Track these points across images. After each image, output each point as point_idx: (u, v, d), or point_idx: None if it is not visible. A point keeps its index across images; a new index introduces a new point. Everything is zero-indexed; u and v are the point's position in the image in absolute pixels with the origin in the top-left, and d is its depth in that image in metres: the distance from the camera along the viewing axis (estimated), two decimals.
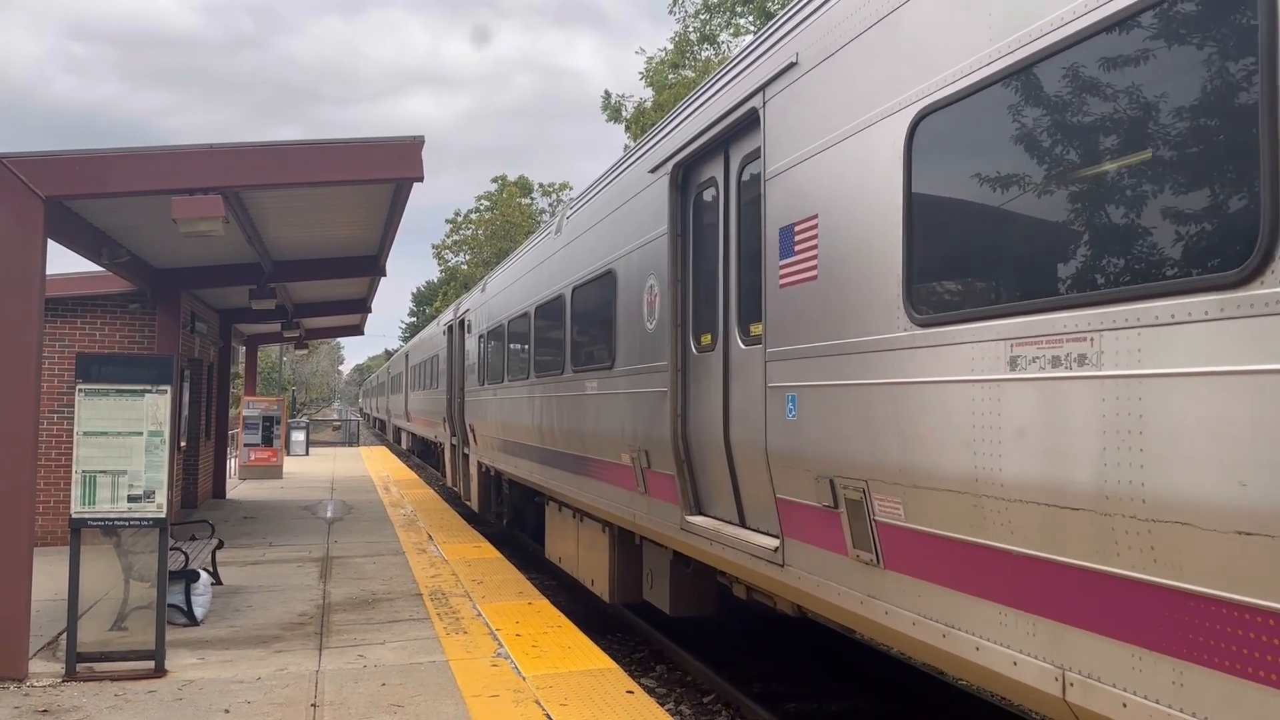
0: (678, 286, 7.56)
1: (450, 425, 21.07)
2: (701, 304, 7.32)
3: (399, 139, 8.88)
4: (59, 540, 12.47)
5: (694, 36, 34.54)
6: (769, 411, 5.90)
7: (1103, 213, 3.65)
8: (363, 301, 20.86)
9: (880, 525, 4.87)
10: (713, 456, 7.00)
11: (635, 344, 8.37)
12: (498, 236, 62.68)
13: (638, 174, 8.54)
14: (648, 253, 8.10)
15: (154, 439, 7.68)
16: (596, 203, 9.95)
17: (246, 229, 10.98)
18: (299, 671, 7.58)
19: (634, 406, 8.34)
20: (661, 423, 7.67)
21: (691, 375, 7.41)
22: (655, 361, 7.87)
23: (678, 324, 7.52)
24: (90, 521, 7.61)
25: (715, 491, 7.12)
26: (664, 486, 7.83)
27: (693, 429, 7.36)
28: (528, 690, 7.07)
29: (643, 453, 8.12)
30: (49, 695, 7.02)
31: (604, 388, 9.25)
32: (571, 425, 10.48)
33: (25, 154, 7.83)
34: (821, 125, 5.42)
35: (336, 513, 18.39)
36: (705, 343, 7.23)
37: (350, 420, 68.12)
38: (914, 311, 4.54)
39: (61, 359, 13.91)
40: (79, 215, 9.93)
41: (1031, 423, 3.86)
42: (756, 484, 6.31)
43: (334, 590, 10.84)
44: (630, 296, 8.50)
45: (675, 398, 7.47)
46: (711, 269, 7.11)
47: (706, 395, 7.09)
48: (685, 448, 7.46)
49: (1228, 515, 3.08)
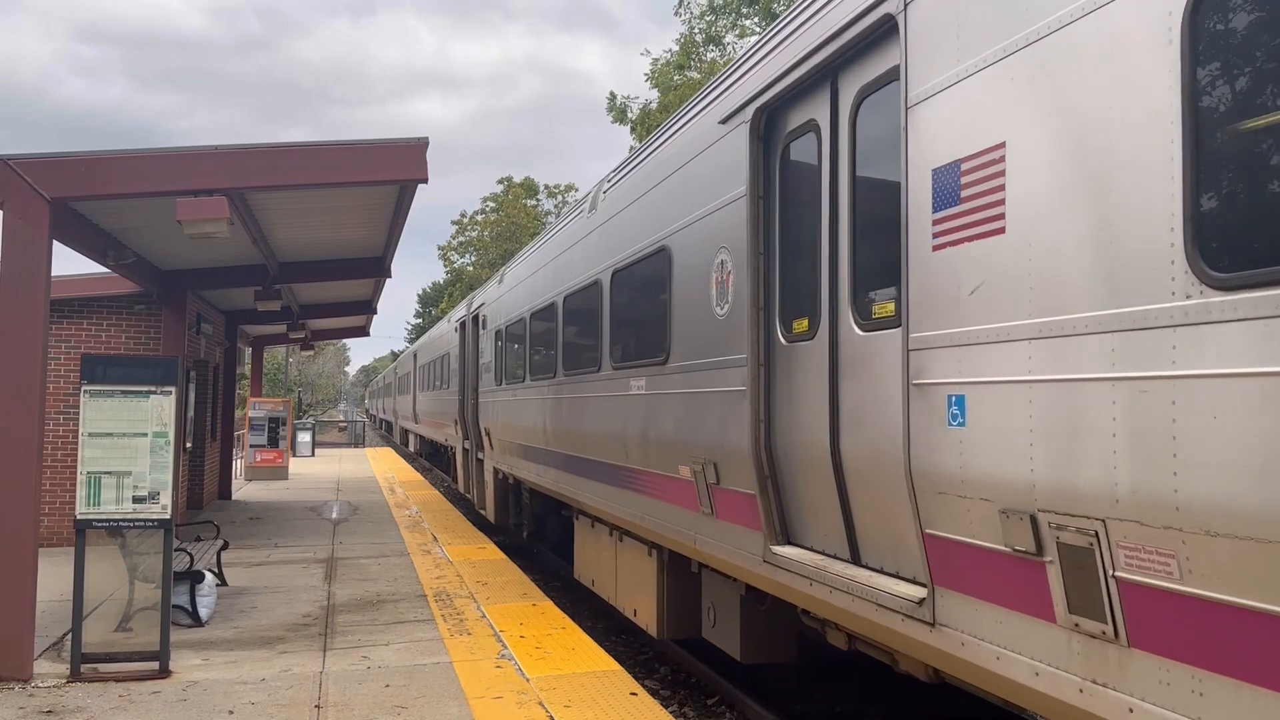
0: (759, 261, 6.20)
1: (462, 428, 19.95)
2: (793, 281, 5.98)
3: (403, 140, 8.88)
4: (64, 541, 12.49)
5: (699, 38, 34.56)
6: (912, 418, 4.50)
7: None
8: (368, 303, 20.88)
9: (1127, 585, 3.50)
10: (811, 474, 5.64)
11: (698, 334, 7.04)
12: (503, 238, 62.73)
13: (702, 129, 7.16)
14: (716, 223, 6.75)
15: (159, 440, 7.69)
16: (644, 171, 8.51)
17: (251, 230, 11.00)
18: (303, 673, 7.58)
19: (696, 409, 7.06)
20: (736, 430, 6.36)
21: (779, 371, 6.03)
22: (727, 355, 6.55)
23: (759, 307, 6.17)
24: (95, 522, 7.63)
25: (813, 517, 5.78)
26: (738, 507, 6.48)
27: (781, 438, 6.01)
28: (531, 692, 7.07)
29: (708, 466, 6.80)
30: (53, 696, 7.03)
31: (654, 387, 7.88)
32: (610, 431, 9.07)
33: (31, 155, 7.85)
34: (1014, 15, 4.02)
35: (341, 514, 18.40)
36: (799, 330, 5.84)
37: (356, 421, 68.24)
38: (1205, 269, 3.15)
39: (67, 360, 13.95)
40: (85, 217, 9.95)
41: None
42: (883, 512, 5.01)
43: (338, 591, 10.85)
44: (691, 277, 7.17)
45: (757, 399, 6.11)
46: (808, 236, 5.75)
47: (802, 396, 5.74)
48: (770, 461, 6.10)
49: None
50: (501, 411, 15.05)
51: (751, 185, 6.27)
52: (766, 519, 6.09)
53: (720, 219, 6.69)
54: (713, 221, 6.82)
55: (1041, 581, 3.89)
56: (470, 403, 18.44)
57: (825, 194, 5.56)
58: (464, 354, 19.76)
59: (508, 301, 15.06)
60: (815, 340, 5.61)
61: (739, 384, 6.33)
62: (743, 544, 6.47)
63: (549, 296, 11.90)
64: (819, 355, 5.56)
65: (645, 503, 8.28)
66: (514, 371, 14.04)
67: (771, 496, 6.11)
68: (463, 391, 19.69)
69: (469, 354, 19.04)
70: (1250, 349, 2.99)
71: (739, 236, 6.36)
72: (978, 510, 4.16)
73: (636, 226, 8.53)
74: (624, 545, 9.51)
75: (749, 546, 6.37)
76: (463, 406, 19.63)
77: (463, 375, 19.81)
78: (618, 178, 9.39)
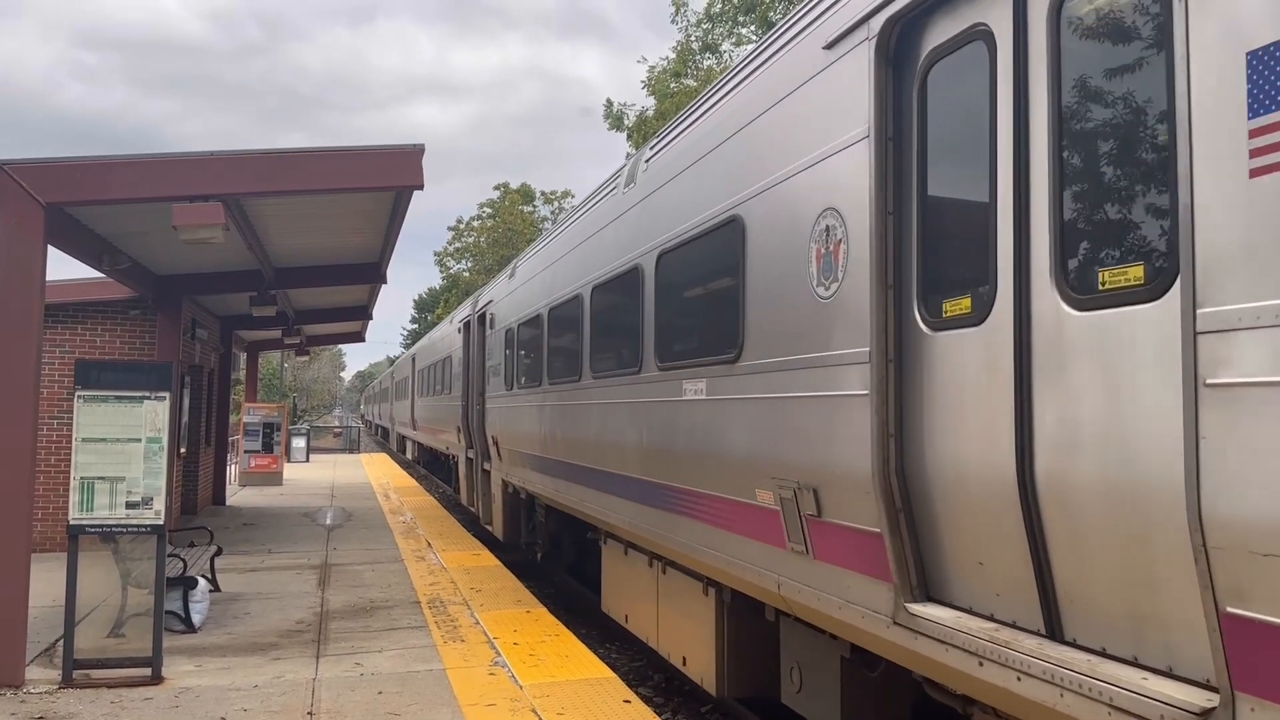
0: (888, 224, 4.72)
1: (466, 436, 18.57)
2: (942, 248, 4.56)
3: (399, 147, 8.90)
4: (57, 546, 12.45)
5: (696, 46, 34.65)
6: (1207, 436, 3.06)
7: None
8: (364, 308, 20.88)
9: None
10: (976, 508, 4.22)
11: (787, 323, 5.63)
12: (500, 244, 62.74)
13: (794, 63, 5.72)
14: (818, 179, 5.31)
15: (153, 445, 7.68)
16: (702, 130, 7.12)
17: (247, 236, 11.00)
18: (296, 679, 7.57)
19: (784, 419, 5.61)
20: (848, 446, 4.92)
21: (918, 368, 4.58)
22: (834, 348, 5.09)
23: (887, 285, 4.71)
24: (88, 528, 7.61)
25: (974, 568, 4.31)
26: (850, 548, 5.03)
27: (922, 459, 4.55)
28: (525, 699, 7.06)
29: (803, 492, 5.37)
30: (45, 702, 7.01)
31: (720, 391, 6.48)
32: (653, 444, 7.67)
33: (26, 161, 7.86)
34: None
35: (336, 520, 18.38)
36: (955, 312, 4.37)
37: (351, 427, 68.14)
38: None
39: (62, 365, 13.92)
40: (80, 222, 9.95)
41: None
42: (1119, 569, 3.55)
43: (332, 598, 10.83)
44: (777, 251, 5.78)
45: (884, 405, 4.65)
46: (970, 185, 4.35)
47: (957, 400, 4.32)
48: (904, 489, 4.64)
49: None
50: (513, 419, 13.53)
51: (878, 124, 4.77)
52: (899, 566, 4.59)
53: (825, 174, 5.26)
54: (813, 178, 5.38)
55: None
56: (475, 409, 17.30)
57: (1008, 122, 4.10)
58: (468, 356, 18.53)
59: (521, 297, 13.45)
60: (986, 326, 4.13)
61: (854, 387, 4.89)
62: (857, 596, 4.96)
63: (572, 288, 10.36)
64: (994, 346, 4.10)
65: (701, 531, 6.86)
66: (528, 375, 12.54)
67: (905, 537, 4.60)
68: (466, 397, 18.43)
69: (474, 356, 17.75)
70: None
71: (856, 193, 4.92)
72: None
73: (693, 197, 7.12)
74: (669, 579, 8.11)
75: (868, 600, 4.86)
76: (466, 413, 18.42)
77: (467, 379, 18.56)
78: (664, 143, 8.07)
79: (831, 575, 5.24)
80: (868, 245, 4.79)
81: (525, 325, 12.88)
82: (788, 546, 5.65)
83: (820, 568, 5.35)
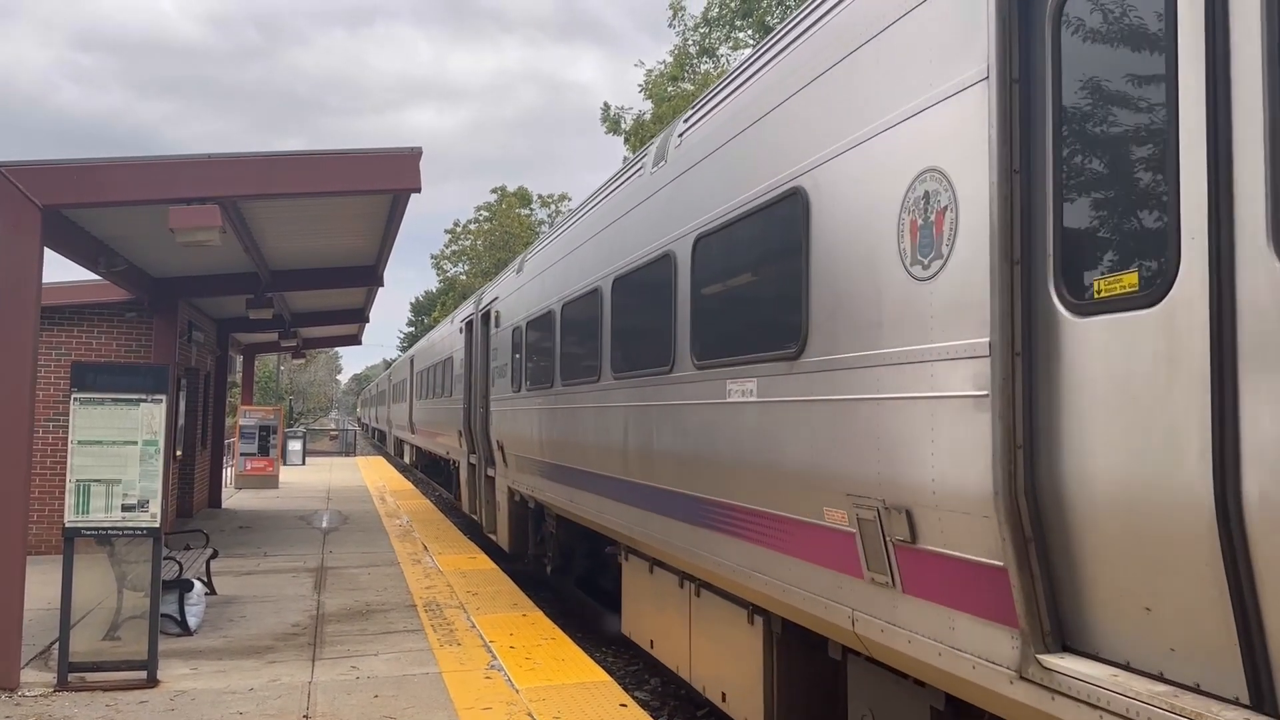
0: (1013, 184, 3.84)
1: (468, 440, 17.75)
2: (1091, 213, 3.64)
3: (397, 150, 8.90)
4: (53, 549, 12.41)
5: (693, 50, 34.72)
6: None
7: None
8: (360, 311, 20.88)
9: None
10: (1143, 538, 3.37)
11: (867, 310, 4.74)
12: (496, 247, 62.77)
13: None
14: (912, 136, 4.45)
15: (149, 448, 7.68)
16: (752, 94, 6.21)
17: (244, 239, 11.00)
18: (292, 682, 7.56)
19: (863, 425, 4.75)
20: (958, 459, 4.08)
21: (1061, 361, 3.72)
22: (937, 340, 4.23)
23: (1013, 259, 3.83)
24: (84, 530, 7.60)
25: (1138, 613, 3.46)
26: (957, 581, 4.19)
27: (1069, 476, 3.66)
28: (520, 703, 7.06)
29: (892, 514, 4.52)
30: (40, 705, 7.00)
31: (775, 392, 5.61)
32: (688, 450, 6.86)
33: (23, 163, 7.85)
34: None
35: (332, 523, 18.36)
36: (1113, 291, 3.55)
37: (347, 430, 68.09)
38: None
39: (58, 367, 13.91)
40: (76, 224, 9.95)
41: None
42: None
43: (328, 601, 10.82)
44: (853, 226, 4.90)
45: (1012, 410, 3.79)
46: (1135, 124, 3.44)
47: (1117, 404, 3.45)
48: (1035, 513, 3.78)
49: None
50: (520, 422, 12.58)
51: (1000, 63, 3.89)
52: (1028, 609, 3.76)
53: (922, 129, 4.40)
54: (904, 136, 4.53)
55: None
56: (478, 412, 16.45)
57: (1181, 54, 3.23)
58: (471, 357, 17.74)
59: (530, 293, 12.47)
60: (1164, 307, 3.29)
61: (964, 386, 4.04)
62: (966, 642, 4.11)
63: (590, 281, 9.49)
64: (1177, 331, 3.25)
65: (746, 551, 6.03)
66: (538, 375, 11.59)
67: (1037, 572, 3.78)
68: (469, 399, 17.59)
69: (477, 357, 16.96)
70: None
71: (969, 149, 4.06)
72: None
73: (740, 171, 6.24)
74: (704, 602, 7.25)
75: (981, 648, 4.02)
76: (469, 416, 17.59)
77: (469, 381, 17.72)
78: (702, 114, 7.24)
79: (928, 614, 4.35)
80: (986, 212, 3.90)
81: (535, 322, 11.91)
82: (866, 576, 4.79)
83: (912, 604, 4.48)
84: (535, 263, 12.58)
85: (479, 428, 16.39)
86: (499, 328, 14.68)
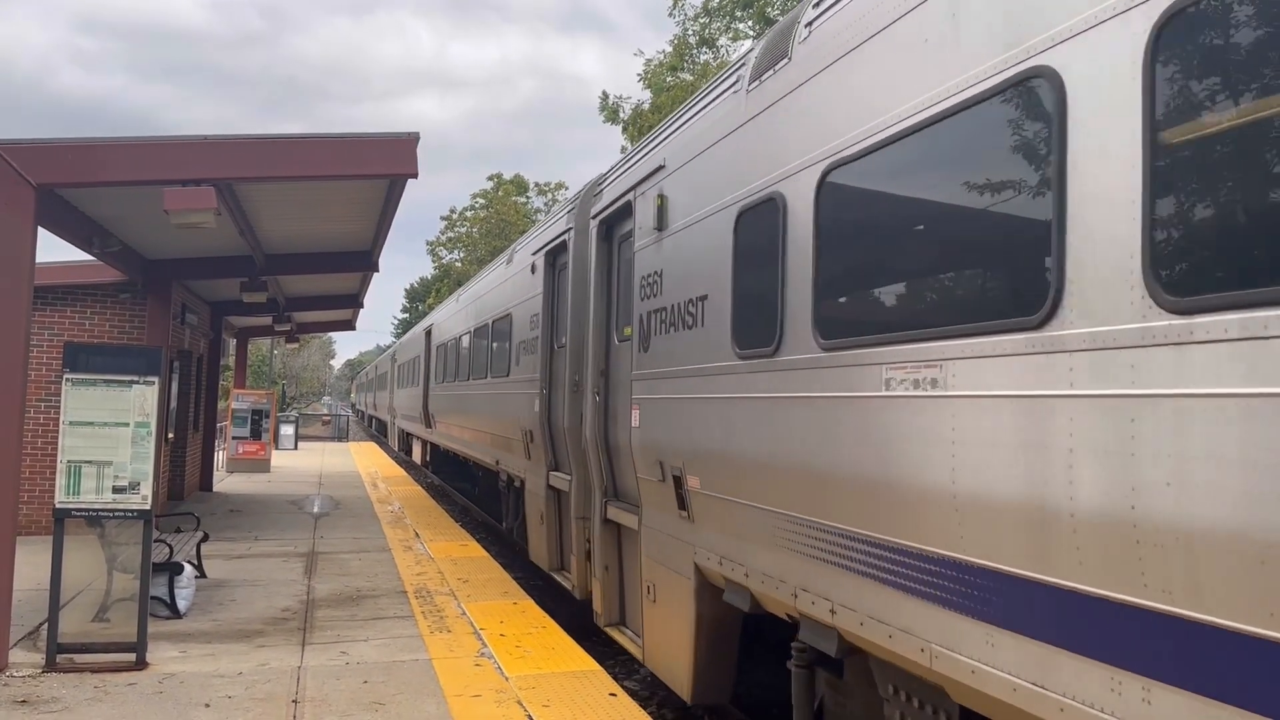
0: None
1: (546, 450, 11.32)
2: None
3: (393, 135, 8.85)
4: (43, 530, 12.40)
5: (693, 40, 34.60)
6: None
7: None
8: (355, 296, 20.83)
9: None
10: None
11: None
12: (492, 235, 62.63)
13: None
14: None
15: (141, 430, 7.65)
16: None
17: (239, 221, 10.95)
18: (281, 667, 7.55)
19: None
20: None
21: None
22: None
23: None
24: (74, 512, 7.58)
25: None
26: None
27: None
28: (510, 690, 7.06)
29: None
30: (28, 686, 6.98)
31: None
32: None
33: (17, 141, 7.80)
34: None
35: (323, 508, 18.34)
36: None
37: (340, 415, 67.98)
38: None
39: (50, 348, 13.85)
40: (71, 204, 9.89)
41: None
42: None
43: (318, 586, 10.81)
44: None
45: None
46: None
47: None
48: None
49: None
50: (757, 428, 5.78)
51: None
52: None
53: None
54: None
55: None
56: (593, 400, 9.24)
57: None
58: (553, 309, 11.55)
59: (705, 171, 6.72)
60: None
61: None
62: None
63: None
64: None
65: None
66: (753, 334, 5.86)
67: None
68: (547, 380, 11.43)
69: (567, 307, 10.49)
70: None
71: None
72: None
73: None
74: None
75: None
76: (549, 410, 11.36)
77: (549, 346, 11.49)
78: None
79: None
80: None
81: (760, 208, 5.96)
82: None
83: None
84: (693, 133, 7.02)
85: (595, 431, 9.16)
86: (668, 227, 7.31)
